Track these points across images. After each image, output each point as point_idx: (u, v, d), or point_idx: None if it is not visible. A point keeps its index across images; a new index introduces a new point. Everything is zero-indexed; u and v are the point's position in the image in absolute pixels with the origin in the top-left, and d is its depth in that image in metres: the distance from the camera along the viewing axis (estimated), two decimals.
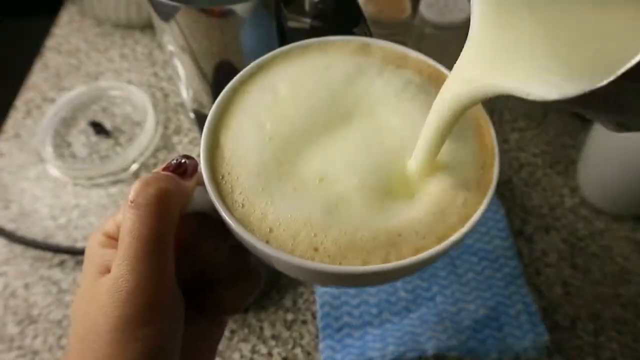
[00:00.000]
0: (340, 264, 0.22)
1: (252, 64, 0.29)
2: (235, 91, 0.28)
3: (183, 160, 0.25)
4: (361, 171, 0.25)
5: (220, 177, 0.25)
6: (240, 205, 0.24)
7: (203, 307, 0.26)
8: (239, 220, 0.23)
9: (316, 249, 0.23)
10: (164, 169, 0.25)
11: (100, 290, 0.21)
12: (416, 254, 0.23)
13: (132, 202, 0.22)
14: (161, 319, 0.21)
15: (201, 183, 0.25)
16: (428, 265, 0.25)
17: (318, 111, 0.27)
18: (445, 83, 0.23)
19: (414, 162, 0.25)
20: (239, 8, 0.35)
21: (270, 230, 0.23)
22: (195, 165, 0.25)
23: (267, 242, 0.23)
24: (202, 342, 0.26)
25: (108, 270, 0.22)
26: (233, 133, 0.26)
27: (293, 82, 0.28)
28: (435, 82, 0.29)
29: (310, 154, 0.26)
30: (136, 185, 0.22)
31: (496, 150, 0.26)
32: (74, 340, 0.22)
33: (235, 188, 0.25)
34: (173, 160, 0.25)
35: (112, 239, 0.24)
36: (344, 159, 0.25)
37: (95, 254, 0.23)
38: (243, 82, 0.28)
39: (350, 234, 0.23)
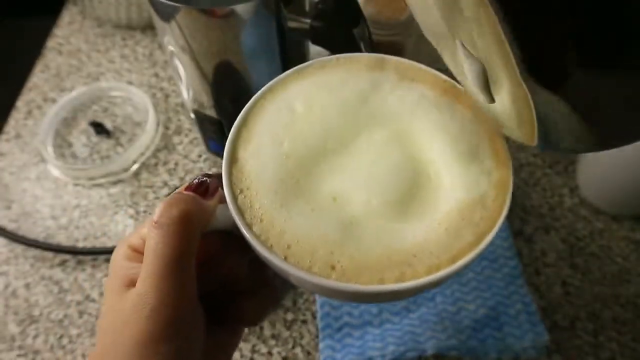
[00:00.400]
0: (356, 282, 0.23)
1: (272, 82, 0.30)
2: (254, 107, 0.29)
3: (204, 179, 0.26)
4: (375, 189, 0.25)
5: (239, 192, 0.25)
6: (259, 220, 0.24)
7: (223, 320, 0.26)
8: (258, 236, 0.24)
9: (333, 267, 0.23)
10: (186, 189, 0.25)
11: (125, 305, 0.22)
12: (431, 274, 0.23)
13: (155, 222, 0.23)
14: (183, 336, 0.22)
15: (223, 201, 0.25)
16: (443, 283, 0.25)
17: (333, 129, 0.27)
18: None
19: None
20: (239, 8, 0.35)
21: (289, 247, 0.24)
22: (217, 185, 0.26)
23: (286, 258, 0.23)
24: (220, 354, 0.26)
25: (133, 284, 0.23)
26: (252, 149, 0.27)
27: (309, 99, 0.29)
28: (449, 96, 0.29)
29: (326, 171, 0.26)
30: (160, 206, 0.23)
31: (510, 166, 0.26)
32: (98, 350, 0.23)
33: (254, 203, 0.25)
34: (195, 179, 0.26)
35: (137, 252, 0.25)
36: (359, 177, 0.26)
37: (120, 266, 0.24)
38: (262, 98, 0.29)
39: (365, 253, 0.23)
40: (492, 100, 0.24)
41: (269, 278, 0.28)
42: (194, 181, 0.26)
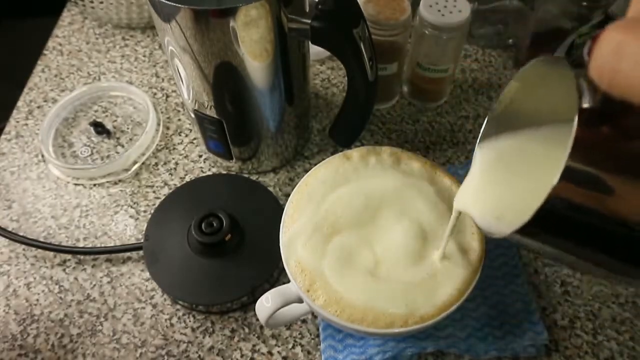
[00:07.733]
0: (391, 328, 0.34)
1: (293, 194, 0.40)
2: (291, 203, 0.39)
3: None
4: (399, 250, 0.36)
5: (312, 286, 0.35)
6: (322, 293, 0.35)
7: None
8: (325, 307, 0.34)
9: (377, 318, 0.34)
10: None
11: None
12: (424, 321, 0.34)
13: None
14: None
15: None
16: (441, 323, 0.36)
17: (359, 213, 0.38)
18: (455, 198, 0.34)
19: (439, 250, 0.36)
20: (240, 9, 0.35)
21: (343, 309, 0.34)
22: None
23: (352, 322, 0.34)
24: None
25: None
26: (309, 245, 0.37)
27: (336, 195, 0.39)
28: (429, 168, 0.41)
29: (365, 243, 0.37)
30: None
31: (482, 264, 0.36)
32: None
33: (324, 289, 0.35)
34: None
35: None
36: (388, 244, 0.37)
37: None
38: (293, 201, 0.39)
39: (393, 304, 0.34)
40: None
41: None
42: None
